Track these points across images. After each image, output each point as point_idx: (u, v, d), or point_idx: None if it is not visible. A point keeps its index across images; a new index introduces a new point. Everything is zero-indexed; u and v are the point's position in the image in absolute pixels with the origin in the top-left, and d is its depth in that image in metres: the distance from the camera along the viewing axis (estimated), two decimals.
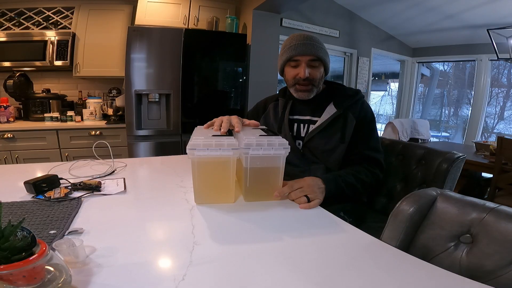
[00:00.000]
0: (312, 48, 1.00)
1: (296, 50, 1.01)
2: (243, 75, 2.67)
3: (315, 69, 1.03)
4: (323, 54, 1.03)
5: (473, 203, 0.58)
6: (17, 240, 0.37)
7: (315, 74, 1.03)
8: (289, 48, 1.03)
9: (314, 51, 1.00)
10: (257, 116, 1.21)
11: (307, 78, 1.02)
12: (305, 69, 1.01)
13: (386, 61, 4.49)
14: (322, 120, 1.03)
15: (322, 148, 1.02)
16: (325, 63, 1.04)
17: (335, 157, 1.01)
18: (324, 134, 1.02)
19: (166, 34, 2.33)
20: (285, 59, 1.05)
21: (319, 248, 0.57)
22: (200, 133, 0.80)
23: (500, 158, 2.11)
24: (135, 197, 0.82)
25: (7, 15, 2.44)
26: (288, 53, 1.03)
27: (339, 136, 1.01)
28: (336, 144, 1.01)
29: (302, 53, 1.00)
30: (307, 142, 1.04)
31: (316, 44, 1.02)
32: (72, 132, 2.41)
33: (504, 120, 4.35)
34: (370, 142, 1.03)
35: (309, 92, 1.05)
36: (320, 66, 1.04)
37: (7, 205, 0.69)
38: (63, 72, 2.72)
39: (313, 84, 1.04)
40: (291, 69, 1.05)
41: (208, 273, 0.48)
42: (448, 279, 0.48)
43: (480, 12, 2.98)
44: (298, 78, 1.03)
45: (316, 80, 1.04)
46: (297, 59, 1.02)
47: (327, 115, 1.03)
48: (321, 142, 1.02)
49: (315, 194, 0.80)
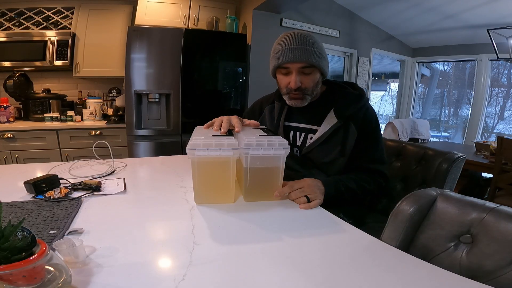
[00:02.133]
0: (303, 54, 0.89)
1: (284, 57, 0.90)
2: (243, 75, 2.67)
3: (307, 76, 0.93)
4: (317, 59, 0.91)
5: (473, 203, 0.58)
6: (17, 240, 0.37)
7: (307, 83, 0.93)
8: (277, 54, 0.92)
9: (306, 57, 0.89)
10: (253, 118, 1.14)
11: (298, 88, 0.93)
12: (295, 78, 0.91)
13: (386, 61, 4.49)
14: (321, 132, 0.96)
15: (321, 161, 0.97)
16: (320, 68, 0.93)
17: (334, 169, 0.96)
18: (323, 147, 0.96)
19: (166, 34, 2.33)
20: (274, 66, 0.95)
21: (319, 248, 0.57)
22: (200, 133, 0.80)
23: (500, 158, 2.11)
24: (135, 197, 0.82)
25: (7, 15, 2.44)
26: (277, 60, 0.92)
27: (339, 149, 0.94)
28: (336, 157, 0.95)
29: (291, 60, 0.89)
30: (306, 153, 0.99)
31: (308, 48, 0.89)
32: (72, 132, 2.41)
33: (504, 120, 4.35)
34: (373, 154, 0.97)
35: (302, 100, 0.96)
36: (314, 73, 0.93)
37: (7, 205, 0.69)
38: (63, 72, 2.73)
39: (305, 93, 0.95)
40: (282, 76, 0.96)
41: (208, 273, 0.48)
42: (448, 279, 0.48)
43: (480, 12, 2.97)
44: (289, 88, 0.94)
45: (309, 89, 0.94)
46: (287, 66, 0.92)
47: (327, 126, 0.95)
48: (320, 155, 0.97)
49: (316, 195, 0.79)
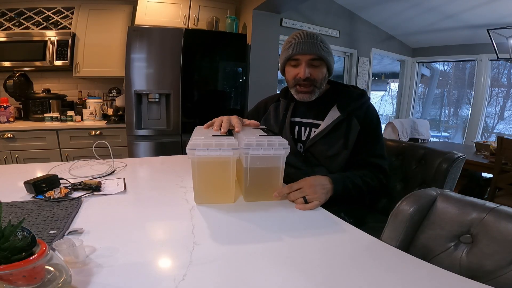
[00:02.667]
0: (313, 47, 0.95)
1: (296, 49, 0.95)
2: (243, 75, 2.67)
3: (316, 69, 0.97)
4: (326, 53, 0.97)
5: (473, 203, 0.58)
6: (17, 240, 0.37)
7: (316, 75, 0.97)
8: (289, 47, 0.98)
9: (315, 50, 0.95)
10: (257, 117, 1.17)
11: (307, 79, 0.96)
12: (305, 68, 0.95)
13: (386, 61, 4.49)
14: (324, 125, 0.98)
15: (325, 154, 0.98)
16: (328, 63, 0.98)
17: (338, 162, 0.98)
18: (326, 140, 0.98)
19: (166, 34, 2.33)
20: (285, 58, 1.00)
21: (319, 248, 0.57)
22: (200, 133, 0.80)
23: (500, 158, 2.11)
24: (135, 197, 0.82)
25: (7, 15, 2.44)
26: (288, 52, 0.98)
27: (342, 142, 0.96)
28: (339, 150, 0.97)
29: (302, 51, 0.95)
30: (310, 147, 1.01)
31: (318, 43, 0.96)
32: (72, 132, 2.41)
33: (504, 120, 4.35)
34: (374, 149, 0.99)
35: (310, 94, 0.99)
36: (322, 66, 0.98)
37: (7, 205, 0.69)
38: (63, 72, 2.72)
39: (314, 85, 0.98)
40: (291, 68, 1.00)
41: (208, 273, 0.48)
42: (448, 279, 0.48)
43: (480, 12, 2.98)
44: (298, 79, 0.98)
45: (317, 81, 0.98)
46: (297, 58, 0.96)
47: (330, 119, 0.98)
48: (324, 148, 0.98)
49: (316, 195, 0.78)
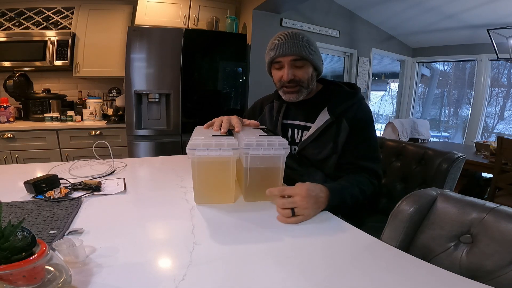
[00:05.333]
0: (293, 47, 0.92)
1: (276, 51, 0.94)
2: (243, 75, 2.67)
3: (300, 69, 0.95)
4: (308, 52, 0.93)
5: (473, 203, 0.58)
6: (17, 240, 0.37)
7: (301, 75, 0.95)
8: (271, 49, 0.96)
9: (297, 50, 0.92)
10: (253, 117, 1.16)
11: (292, 80, 0.95)
12: (288, 70, 0.94)
13: (386, 61, 4.49)
14: (314, 128, 0.97)
15: (316, 158, 0.97)
16: (312, 62, 0.95)
17: (329, 166, 0.96)
18: (317, 144, 0.97)
19: (166, 34, 2.33)
20: (268, 61, 0.99)
21: (319, 248, 0.57)
22: (200, 133, 0.80)
23: (500, 158, 2.11)
24: (135, 197, 0.82)
25: (7, 15, 2.44)
26: (270, 54, 0.96)
27: (331, 145, 0.95)
28: (329, 154, 0.95)
29: (283, 53, 0.93)
30: (301, 150, 1.00)
31: (300, 43, 0.92)
32: (72, 132, 2.41)
33: (504, 120, 4.35)
34: (364, 151, 0.95)
35: (297, 94, 0.97)
36: (307, 66, 0.95)
37: (7, 205, 0.69)
38: (63, 72, 2.73)
39: (301, 85, 0.96)
40: (276, 71, 0.99)
41: (208, 273, 0.48)
42: (448, 279, 0.48)
43: (480, 12, 2.97)
44: (283, 81, 0.96)
45: (303, 81, 0.96)
46: (279, 60, 0.95)
47: (320, 122, 0.96)
48: (315, 152, 0.97)
49: (306, 211, 0.69)
